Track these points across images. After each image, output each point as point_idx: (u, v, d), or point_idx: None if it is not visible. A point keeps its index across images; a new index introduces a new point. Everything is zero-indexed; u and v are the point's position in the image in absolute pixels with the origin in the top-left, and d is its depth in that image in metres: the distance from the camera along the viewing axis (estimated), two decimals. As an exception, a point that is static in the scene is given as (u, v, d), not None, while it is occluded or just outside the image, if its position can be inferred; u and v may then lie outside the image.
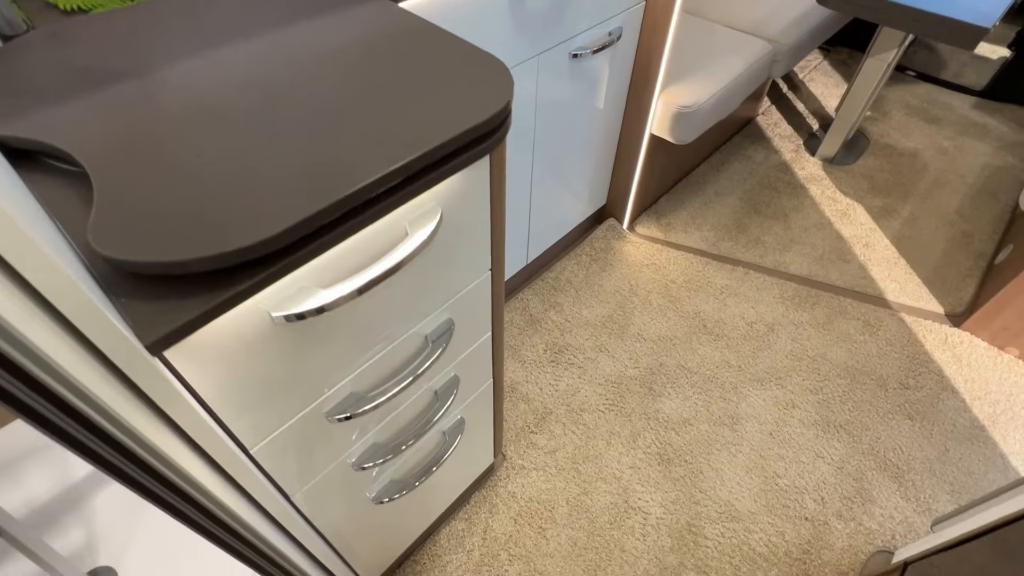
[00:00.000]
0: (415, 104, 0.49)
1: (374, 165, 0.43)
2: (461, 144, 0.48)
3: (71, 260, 0.35)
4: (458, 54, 0.55)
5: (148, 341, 0.35)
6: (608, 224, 1.68)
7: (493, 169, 0.55)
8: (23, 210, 0.32)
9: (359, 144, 0.45)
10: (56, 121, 0.46)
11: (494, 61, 0.54)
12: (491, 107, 0.49)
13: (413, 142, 0.45)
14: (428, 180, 0.47)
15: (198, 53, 0.54)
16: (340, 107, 0.48)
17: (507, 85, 0.51)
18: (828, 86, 2.29)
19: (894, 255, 1.63)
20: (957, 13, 1.23)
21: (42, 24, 0.63)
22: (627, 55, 1.25)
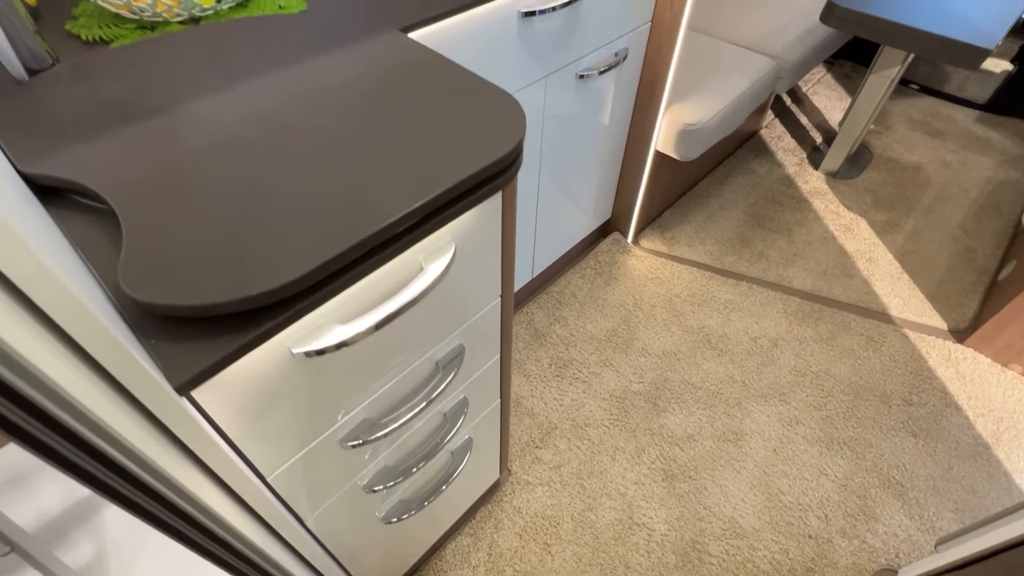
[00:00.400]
0: (431, 141, 0.50)
1: (393, 205, 0.44)
2: (476, 182, 0.49)
3: (102, 302, 0.37)
4: (471, 88, 0.56)
5: (177, 383, 0.36)
6: (613, 238, 1.69)
7: (505, 203, 0.56)
8: (55, 253, 0.34)
9: (378, 183, 0.46)
10: (83, 158, 0.48)
11: (505, 97, 0.56)
12: (504, 145, 0.50)
13: (431, 181, 0.46)
14: (444, 217, 0.49)
15: (218, 87, 0.56)
16: (359, 144, 0.50)
17: (519, 122, 0.53)
18: (831, 99, 2.30)
19: (897, 270, 1.64)
20: (959, 34, 1.25)
21: (66, 56, 0.65)
22: (633, 74, 1.27)
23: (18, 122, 0.51)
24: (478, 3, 0.80)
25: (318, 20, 0.70)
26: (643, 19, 1.17)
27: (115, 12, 0.70)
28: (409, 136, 0.51)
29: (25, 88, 0.55)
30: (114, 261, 0.42)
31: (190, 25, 0.71)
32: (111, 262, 0.42)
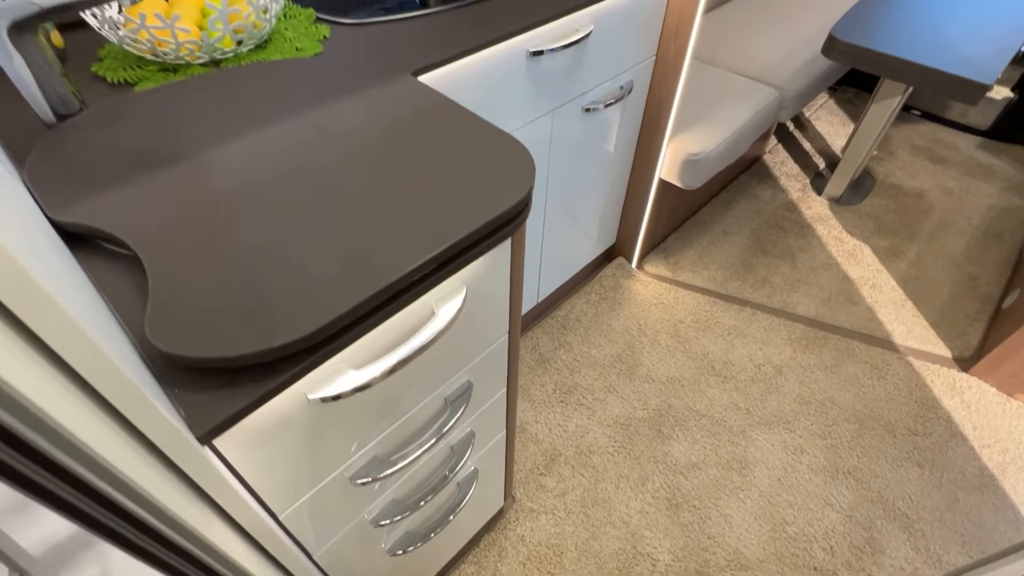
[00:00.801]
0: (445, 189, 0.52)
1: (409, 256, 0.46)
2: (488, 231, 0.51)
3: (128, 350, 0.38)
4: (482, 134, 0.58)
5: (200, 434, 0.38)
6: (617, 263, 1.70)
7: (514, 247, 0.58)
8: (82, 303, 0.35)
9: (393, 232, 0.48)
10: (109, 206, 0.50)
11: (514, 143, 0.58)
12: (515, 194, 0.52)
13: (445, 231, 0.48)
14: (457, 264, 0.50)
15: (239, 133, 0.58)
16: (375, 192, 0.51)
17: (528, 170, 0.55)
18: (834, 125, 2.33)
19: (901, 297, 1.65)
20: (958, 69, 1.27)
21: (92, 99, 0.67)
22: (637, 105, 1.29)
23: (48, 169, 0.53)
24: (488, 45, 0.83)
25: (333, 63, 0.72)
26: (648, 53, 1.20)
27: (139, 55, 0.73)
28: (423, 183, 0.53)
29: (54, 133, 0.58)
30: (139, 307, 0.44)
31: (211, 67, 0.74)
32: (137, 309, 0.44)
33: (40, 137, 0.61)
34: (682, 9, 1.13)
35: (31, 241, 0.33)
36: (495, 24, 0.86)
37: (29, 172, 0.52)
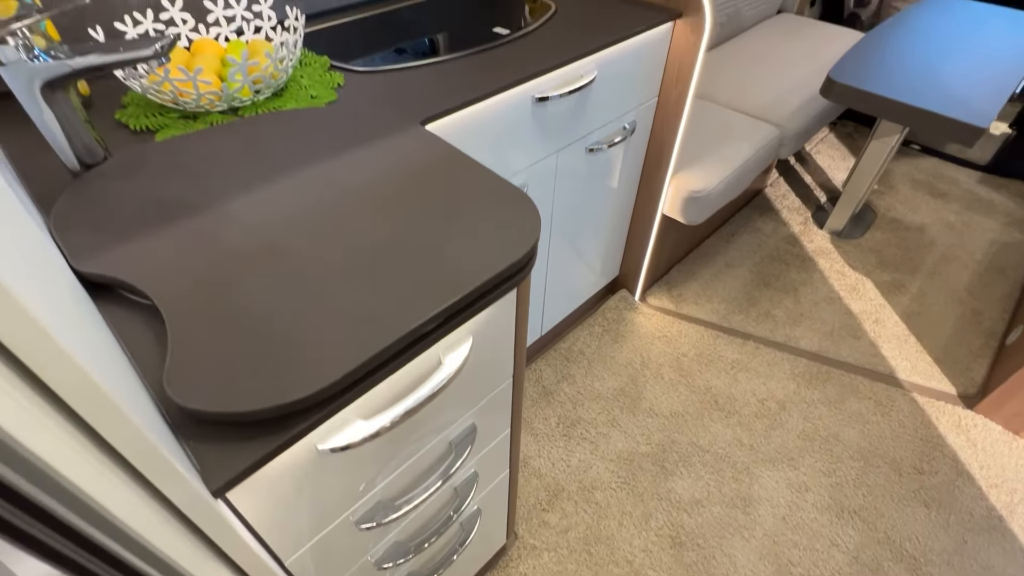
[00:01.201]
0: (452, 241, 0.54)
1: (418, 309, 0.48)
2: (496, 283, 0.52)
3: (145, 402, 0.40)
4: (489, 186, 0.60)
5: (214, 488, 0.39)
6: (620, 295, 1.72)
7: (519, 297, 0.59)
8: (103, 356, 0.36)
9: (403, 285, 0.49)
10: (130, 256, 0.52)
11: (520, 195, 0.60)
12: (521, 246, 0.54)
13: (453, 285, 0.50)
14: (463, 316, 0.52)
15: (256, 183, 0.60)
16: (385, 245, 0.53)
17: (534, 223, 0.56)
18: (835, 159, 2.36)
19: (904, 332, 1.65)
20: (954, 112, 1.30)
21: (114, 146, 0.70)
22: (640, 144, 1.32)
23: (74, 218, 0.55)
24: (495, 93, 0.86)
25: (346, 112, 0.75)
26: (650, 95, 1.24)
27: (161, 103, 0.76)
28: (432, 235, 0.55)
29: (79, 184, 0.60)
30: (157, 356, 0.46)
31: (229, 115, 0.77)
32: (155, 358, 0.45)
33: (65, 186, 0.63)
34: (683, 55, 1.17)
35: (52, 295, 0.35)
36: (502, 72, 0.89)
37: (55, 222, 0.55)
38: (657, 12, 1.12)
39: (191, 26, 0.85)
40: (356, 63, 0.91)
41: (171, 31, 0.84)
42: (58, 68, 0.54)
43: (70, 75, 0.55)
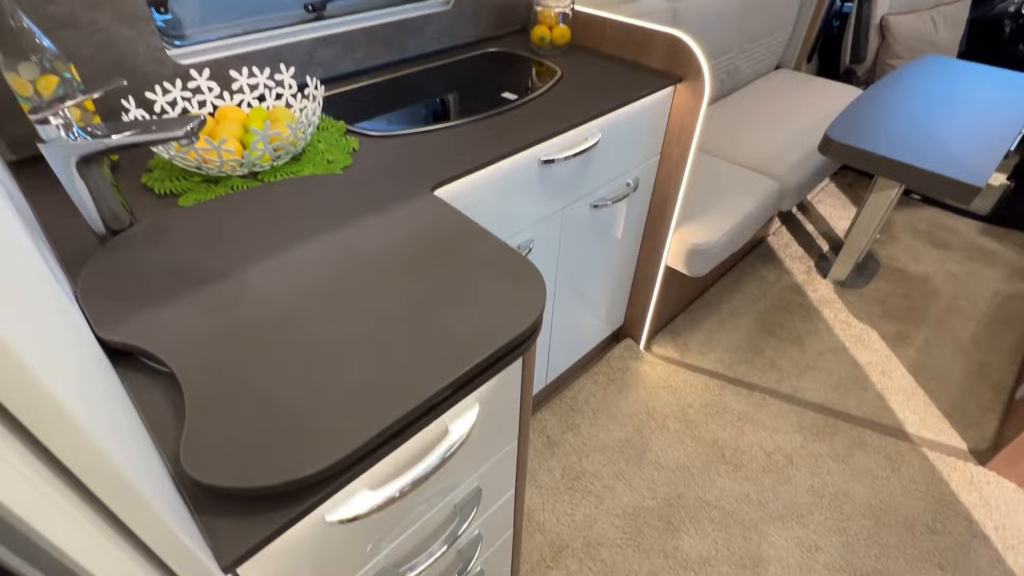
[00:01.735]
0: (461, 311, 0.56)
1: (428, 382, 0.49)
2: (502, 354, 0.54)
3: (160, 474, 0.41)
4: (496, 255, 0.63)
5: (226, 563, 0.39)
6: (625, 344, 1.72)
7: (525, 365, 0.61)
8: (127, 433, 0.38)
9: (413, 357, 0.51)
10: (152, 325, 0.54)
11: (526, 264, 0.62)
12: (527, 316, 0.56)
13: (462, 357, 0.51)
14: (471, 387, 0.53)
15: (273, 253, 0.63)
16: (395, 315, 0.55)
17: (539, 293, 0.58)
18: (836, 208, 2.40)
19: (911, 384, 1.64)
20: (950, 171, 1.33)
21: (139, 208, 0.74)
22: (643, 199, 1.36)
23: (99, 285, 0.58)
24: (503, 158, 0.90)
25: (361, 178, 0.78)
26: (653, 153, 1.28)
27: (184, 167, 0.79)
28: (441, 305, 0.56)
29: (106, 250, 0.63)
30: (173, 424, 0.47)
31: (250, 178, 0.81)
32: (171, 427, 0.47)
33: (91, 250, 0.66)
34: (684, 116, 1.21)
35: (79, 371, 0.37)
36: (510, 137, 0.93)
37: (82, 291, 0.57)
38: (659, 77, 1.17)
39: (216, 93, 0.90)
40: (371, 126, 0.95)
41: (197, 99, 0.89)
42: (94, 146, 0.58)
43: (104, 151, 0.59)
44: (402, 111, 1.02)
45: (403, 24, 1.16)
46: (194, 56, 0.93)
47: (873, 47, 2.42)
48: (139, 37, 0.85)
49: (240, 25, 1.01)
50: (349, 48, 1.11)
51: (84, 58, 0.81)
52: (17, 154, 0.82)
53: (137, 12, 0.84)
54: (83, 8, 0.79)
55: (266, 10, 1.07)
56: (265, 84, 0.93)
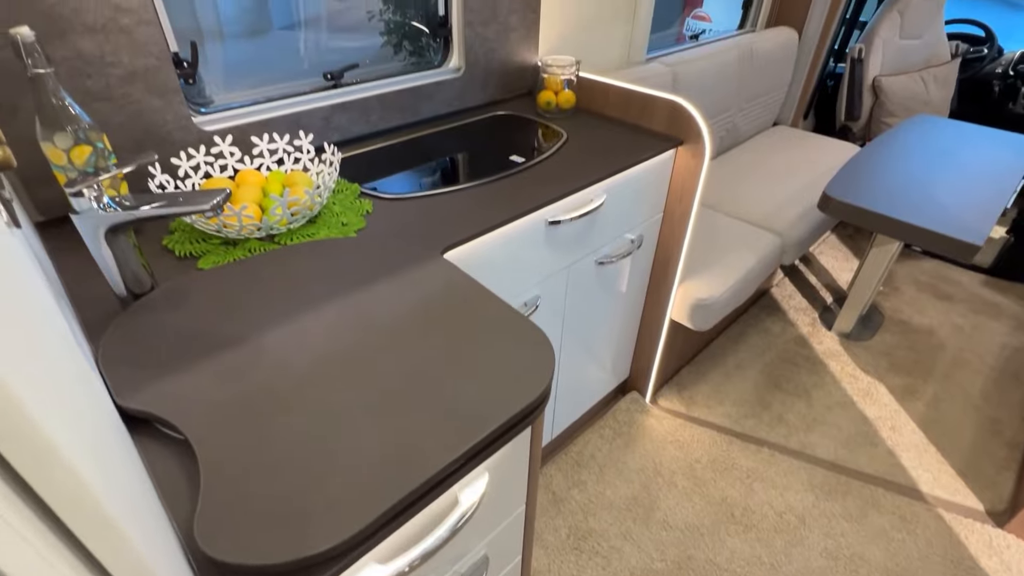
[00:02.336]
0: (471, 379, 0.57)
1: (439, 454, 0.50)
2: (512, 423, 0.54)
3: (173, 548, 0.41)
4: (506, 321, 0.64)
5: (233, 647, 0.39)
6: (631, 397, 1.71)
7: (533, 433, 0.61)
8: (143, 507, 0.38)
9: (424, 427, 0.52)
10: (169, 392, 0.55)
11: (535, 330, 0.63)
12: (536, 386, 0.57)
13: (472, 427, 0.52)
14: (481, 457, 0.53)
15: (289, 318, 0.65)
16: (407, 383, 0.56)
17: (548, 360, 0.59)
18: (838, 259, 2.42)
19: (922, 440, 1.62)
20: (949, 229, 1.36)
21: (159, 270, 0.76)
22: (647, 255, 1.39)
23: (119, 350, 0.59)
24: (511, 220, 0.92)
25: (374, 241, 0.81)
26: (656, 211, 1.31)
27: (204, 230, 0.82)
28: (452, 373, 0.58)
29: (126, 316, 0.65)
30: (187, 494, 0.47)
31: (267, 241, 0.83)
32: (184, 497, 0.47)
33: (113, 312, 0.68)
34: (686, 177, 1.25)
35: (98, 445, 0.37)
36: (518, 200, 0.96)
37: (102, 355, 0.58)
38: (661, 140, 1.21)
39: (237, 158, 0.94)
40: (384, 188, 0.99)
41: (219, 163, 0.93)
42: (123, 217, 0.60)
43: (132, 222, 0.61)
44: (414, 172, 1.06)
45: (416, 91, 1.22)
46: (218, 123, 0.98)
47: (867, 105, 2.50)
48: (168, 107, 0.90)
49: (263, 92, 1.07)
50: (364, 113, 1.16)
51: (115, 127, 0.86)
52: (45, 215, 0.86)
53: (168, 84, 0.89)
54: (118, 82, 0.84)
55: (287, 78, 1.13)
56: (284, 149, 0.98)
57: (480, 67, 1.32)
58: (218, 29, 1.25)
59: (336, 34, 1.50)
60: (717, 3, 3.81)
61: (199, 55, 1.01)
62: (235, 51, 1.10)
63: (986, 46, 2.72)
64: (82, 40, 0.79)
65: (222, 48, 1.07)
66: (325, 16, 1.68)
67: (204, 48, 1.02)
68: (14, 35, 0.66)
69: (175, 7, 0.94)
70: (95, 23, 0.79)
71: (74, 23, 0.77)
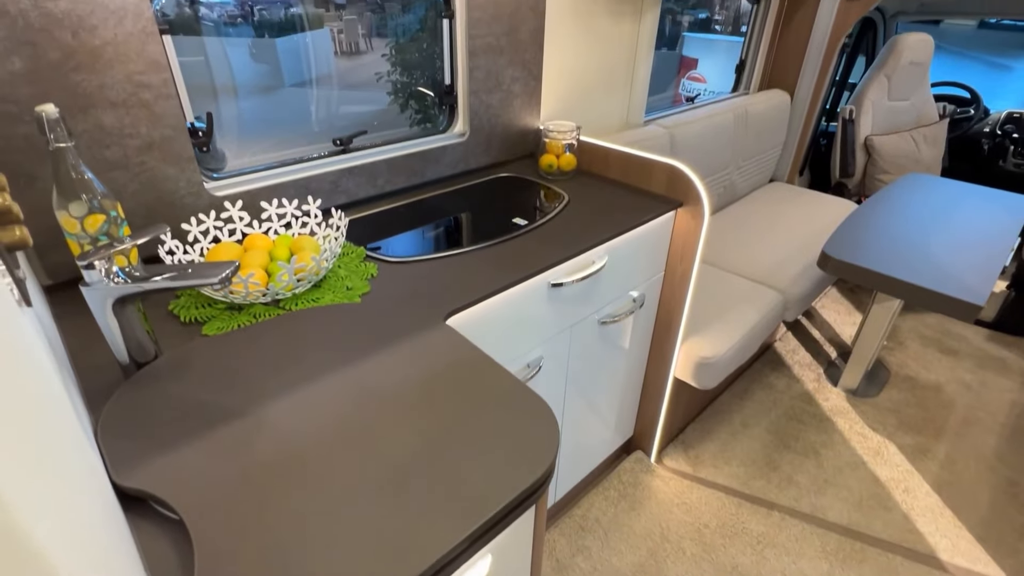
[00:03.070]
0: (474, 457, 0.56)
1: (443, 539, 0.48)
2: (516, 503, 0.53)
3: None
4: (509, 394, 0.64)
5: None
6: (636, 456, 1.68)
7: (538, 510, 0.60)
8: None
9: (427, 510, 0.51)
10: (168, 470, 0.54)
11: (538, 403, 0.63)
12: (540, 464, 0.56)
13: (476, 509, 0.51)
14: (485, 538, 0.52)
15: (291, 389, 0.64)
16: (410, 461, 0.55)
17: (552, 437, 0.59)
18: (840, 312, 2.42)
19: (938, 504, 1.56)
20: (950, 289, 1.36)
21: (164, 336, 0.76)
22: (650, 314, 1.39)
23: (118, 424, 0.59)
24: (514, 284, 0.93)
25: (377, 308, 0.81)
26: (657, 270, 1.32)
27: (210, 295, 0.83)
28: (454, 450, 0.57)
29: (128, 387, 0.64)
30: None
31: (272, 306, 0.84)
32: (174, 588, 0.46)
33: (115, 383, 0.68)
34: (686, 237, 1.27)
35: (87, 529, 0.36)
36: (521, 263, 0.97)
37: (101, 427, 0.58)
38: (661, 202, 1.24)
39: (246, 222, 0.96)
40: (389, 250, 1.00)
41: (228, 227, 0.95)
42: (132, 289, 0.61)
43: (140, 294, 0.62)
44: (419, 234, 1.08)
45: (423, 155, 1.26)
46: (229, 188, 1.00)
47: (860, 163, 2.57)
48: (181, 174, 0.93)
49: (274, 157, 1.11)
50: (371, 177, 1.19)
51: (129, 194, 0.88)
52: (53, 279, 0.87)
53: (183, 153, 0.92)
54: (134, 152, 0.87)
55: (297, 135, 1.17)
56: (292, 213, 1.00)
57: (484, 132, 1.36)
58: (232, 85, 1.31)
59: (345, 91, 1.57)
60: (710, 65, 3.98)
61: (213, 124, 1.05)
62: (248, 106, 1.15)
63: (972, 107, 2.82)
64: (104, 114, 0.82)
65: (236, 108, 1.11)
66: (335, 75, 1.75)
67: (218, 107, 1.06)
68: (39, 112, 0.69)
69: (191, 69, 0.97)
70: (118, 98, 0.83)
71: (98, 99, 0.81)
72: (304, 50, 1.72)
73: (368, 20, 1.47)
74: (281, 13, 1.67)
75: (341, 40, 1.91)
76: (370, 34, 1.59)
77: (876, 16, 2.78)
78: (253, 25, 1.59)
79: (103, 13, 0.78)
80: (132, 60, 0.82)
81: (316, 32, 1.85)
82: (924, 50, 2.50)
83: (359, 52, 1.68)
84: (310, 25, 1.78)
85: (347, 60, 1.61)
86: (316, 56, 1.74)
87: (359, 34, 1.85)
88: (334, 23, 1.75)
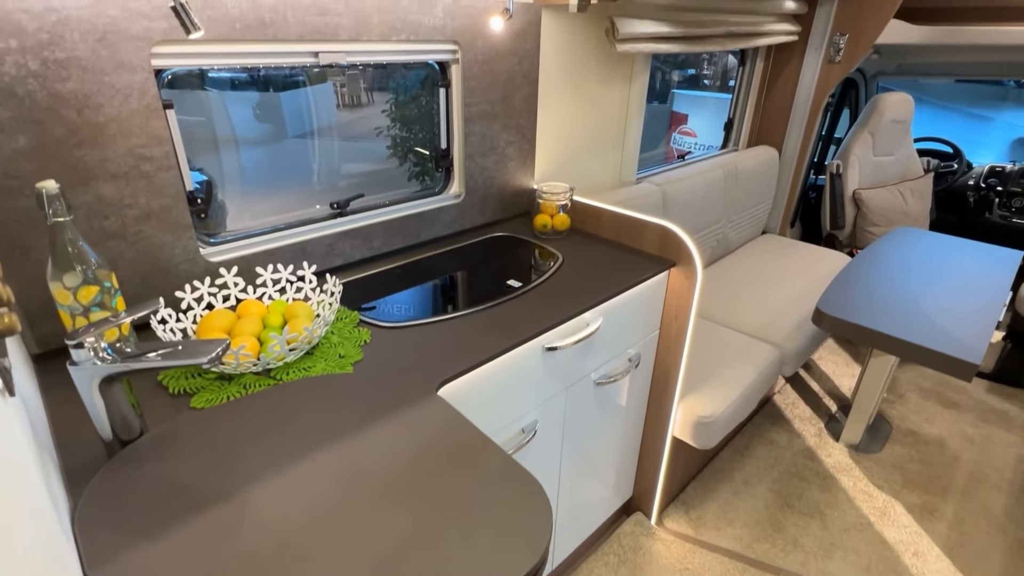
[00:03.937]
0: (465, 545, 0.54)
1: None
2: (506, 598, 0.51)
3: None
4: (502, 473, 0.62)
5: None
6: (635, 518, 1.62)
7: (533, 600, 0.57)
8: None
9: (412, 606, 0.48)
10: (146, 563, 0.52)
11: (531, 482, 0.61)
12: (534, 551, 0.54)
13: (462, 606, 0.49)
14: (473, 639, 0.50)
15: (278, 467, 0.63)
16: (399, 547, 0.53)
17: (546, 521, 0.57)
18: (838, 364, 2.41)
19: (949, 568, 1.51)
20: (946, 347, 1.36)
21: (150, 409, 0.75)
22: (646, 373, 1.38)
23: (97, 511, 0.57)
24: (508, 350, 0.93)
25: (369, 375, 0.81)
26: (652, 328, 1.32)
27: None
28: (445, 536, 0.55)
29: (112, 465, 0.63)
30: None
31: (262, 375, 0.83)
32: None
33: (98, 462, 0.66)
34: (680, 296, 1.28)
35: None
36: (515, 328, 0.97)
37: (79, 519, 0.56)
38: (654, 262, 1.25)
39: (240, 288, 0.96)
40: (382, 314, 1.00)
41: (223, 293, 0.95)
42: (119, 368, 0.61)
43: (126, 372, 0.61)
44: (413, 296, 1.08)
45: (419, 216, 1.28)
46: (225, 254, 1.01)
47: (850, 216, 2.62)
48: (178, 241, 0.93)
49: (270, 222, 1.12)
50: (367, 239, 1.21)
51: (125, 262, 0.89)
52: (42, 348, 0.86)
53: (180, 221, 0.93)
54: (132, 221, 0.88)
55: (294, 207, 1.18)
56: (288, 279, 1.00)
57: (479, 193, 1.39)
58: (234, 137, 1.33)
59: (345, 142, 1.61)
60: (700, 120, 4.12)
61: (212, 191, 1.06)
62: (251, 157, 1.17)
63: (955, 161, 2.91)
64: (104, 186, 0.84)
65: (238, 160, 1.13)
66: (336, 126, 1.80)
67: (220, 160, 1.08)
68: (40, 188, 0.70)
69: (195, 125, 0.99)
70: (119, 171, 0.84)
71: (99, 172, 0.83)
72: (307, 103, 1.79)
73: (370, 75, 1.54)
74: (286, 70, 1.74)
75: (343, 93, 1.99)
76: (371, 87, 1.66)
77: (857, 76, 2.90)
78: (258, 83, 1.66)
79: (109, 92, 0.80)
80: (135, 134, 0.84)
81: (319, 86, 1.93)
82: (905, 109, 2.59)
83: (360, 104, 1.74)
84: (313, 80, 1.86)
85: (348, 112, 1.67)
86: (318, 109, 1.82)
87: (361, 87, 1.94)
88: (337, 77, 1.83)
